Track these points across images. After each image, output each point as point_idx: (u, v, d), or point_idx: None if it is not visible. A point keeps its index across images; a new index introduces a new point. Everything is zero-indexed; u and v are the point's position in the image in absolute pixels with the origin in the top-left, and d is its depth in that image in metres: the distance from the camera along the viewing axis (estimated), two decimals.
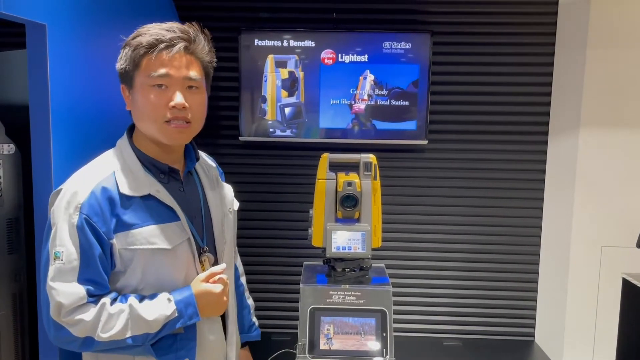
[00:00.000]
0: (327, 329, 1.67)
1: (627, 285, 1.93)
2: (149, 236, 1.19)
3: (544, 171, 2.67)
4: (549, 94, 2.62)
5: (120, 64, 1.23)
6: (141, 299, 1.19)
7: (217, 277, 1.28)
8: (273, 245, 2.75)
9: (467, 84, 2.65)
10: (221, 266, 1.31)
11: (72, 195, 1.15)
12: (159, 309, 1.18)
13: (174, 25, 1.22)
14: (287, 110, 2.60)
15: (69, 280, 1.13)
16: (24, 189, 1.61)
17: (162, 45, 1.17)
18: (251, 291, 1.73)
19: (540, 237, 2.70)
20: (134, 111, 1.24)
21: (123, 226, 1.18)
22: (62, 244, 1.14)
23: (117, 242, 1.17)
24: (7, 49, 1.75)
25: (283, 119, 2.60)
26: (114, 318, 1.14)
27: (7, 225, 1.56)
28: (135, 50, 1.19)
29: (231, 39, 2.56)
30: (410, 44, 2.54)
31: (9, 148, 1.56)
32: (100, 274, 1.16)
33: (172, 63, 1.19)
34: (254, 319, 1.71)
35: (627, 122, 2.42)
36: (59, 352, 1.39)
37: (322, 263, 1.91)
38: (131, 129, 1.30)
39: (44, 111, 1.33)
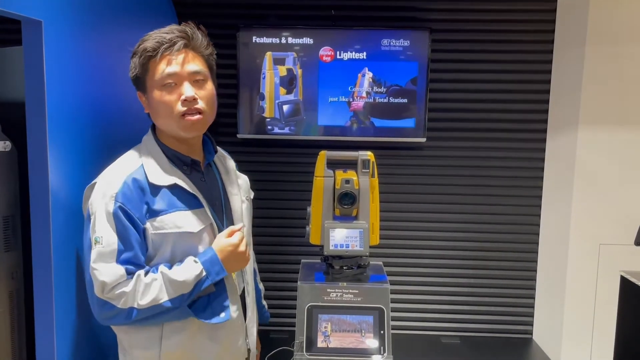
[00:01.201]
0: (325, 327, 1.67)
1: (625, 282, 1.93)
2: (176, 221, 1.32)
3: (542, 168, 2.66)
4: (548, 92, 2.62)
5: (132, 73, 1.36)
6: (170, 266, 1.31)
7: (235, 233, 1.40)
8: (271, 242, 2.74)
9: (466, 81, 2.64)
10: (239, 224, 1.45)
11: (107, 187, 1.28)
12: (188, 270, 1.30)
13: (173, 27, 1.34)
14: (286, 107, 2.59)
15: (109, 262, 1.26)
16: (20, 187, 1.60)
17: (164, 46, 1.29)
18: None
19: (538, 234, 2.70)
20: (152, 112, 1.37)
21: (153, 212, 1.30)
22: (102, 230, 1.26)
23: (149, 226, 1.30)
24: (3, 46, 1.74)
25: (281, 117, 2.60)
26: (149, 286, 1.27)
27: (4, 223, 1.56)
28: (141, 56, 1.31)
29: (229, 36, 2.55)
30: (408, 42, 2.54)
31: (4, 145, 1.56)
32: (137, 255, 1.29)
33: (176, 61, 1.31)
34: (264, 302, 1.85)
35: (626, 119, 2.42)
36: (55, 351, 1.38)
37: (320, 261, 1.91)
38: (154, 126, 1.42)
39: (40, 108, 1.32)
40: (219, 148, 1.57)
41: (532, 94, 2.63)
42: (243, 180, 1.62)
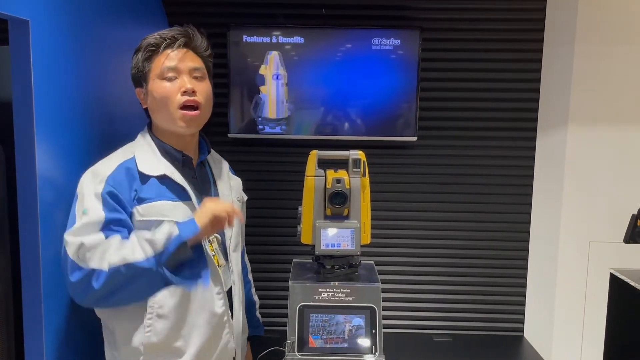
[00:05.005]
0: (317, 327, 1.67)
1: (614, 280, 1.94)
2: (162, 209, 1.36)
3: (532, 167, 2.68)
4: (538, 90, 2.63)
5: (133, 68, 1.44)
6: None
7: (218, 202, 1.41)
8: (262, 242, 2.74)
9: (456, 80, 2.65)
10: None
11: (99, 171, 1.35)
12: (161, 228, 1.32)
13: (175, 28, 1.44)
14: (276, 106, 2.59)
15: (92, 232, 1.29)
16: (8, 188, 1.58)
17: (166, 42, 1.39)
18: None
19: (529, 232, 2.71)
20: (151, 105, 1.43)
21: (141, 199, 1.35)
22: (89, 205, 1.31)
23: (136, 213, 1.35)
24: None
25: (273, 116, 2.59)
26: (123, 244, 1.29)
27: None
28: (145, 50, 1.40)
29: (220, 34, 2.54)
30: (399, 41, 2.54)
31: None
32: (120, 230, 1.32)
33: (177, 57, 1.40)
34: (258, 315, 1.89)
35: (615, 118, 2.44)
36: (44, 352, 1.37)
37: (311, 260, 1.91)
38: (150, 124, 1.50)
39: (27, 108, 1.31)
40: (213, 150, 1.62)
41: (522, 93, 2.65)
42: (236, 181, 1.67)
